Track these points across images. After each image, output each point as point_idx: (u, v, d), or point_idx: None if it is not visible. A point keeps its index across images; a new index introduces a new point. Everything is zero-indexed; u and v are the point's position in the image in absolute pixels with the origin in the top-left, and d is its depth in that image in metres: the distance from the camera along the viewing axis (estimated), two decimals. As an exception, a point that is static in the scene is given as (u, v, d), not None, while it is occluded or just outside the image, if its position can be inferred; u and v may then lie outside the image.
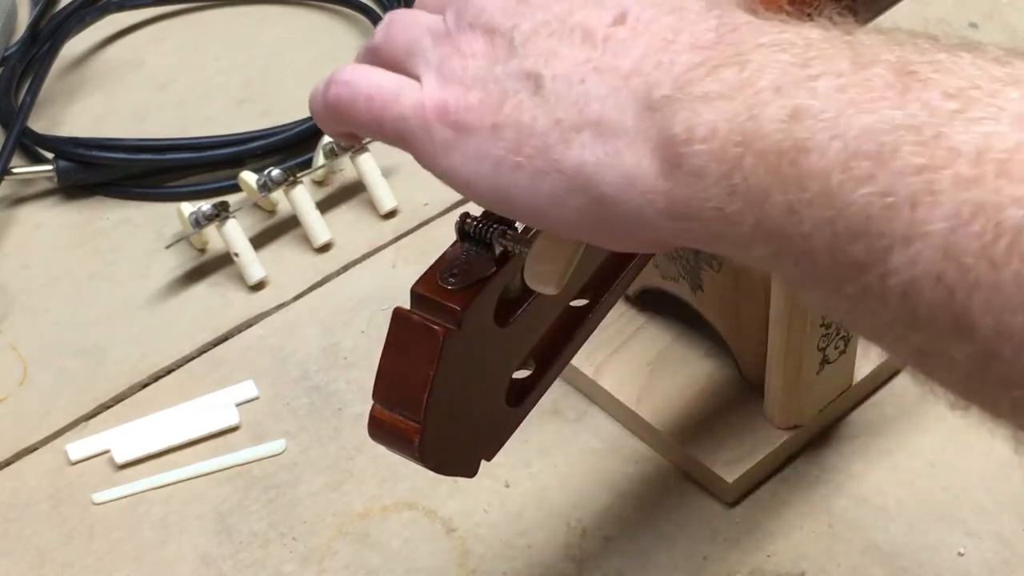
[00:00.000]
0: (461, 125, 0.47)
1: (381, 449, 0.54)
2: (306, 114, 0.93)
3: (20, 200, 0.92)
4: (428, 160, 0.49)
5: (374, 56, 0.52)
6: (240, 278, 0.85)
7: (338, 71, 0.51)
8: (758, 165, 0.40)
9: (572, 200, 0.45)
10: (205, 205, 0.85)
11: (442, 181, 0.49)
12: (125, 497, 0.76)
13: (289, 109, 0.94)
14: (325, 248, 0.87)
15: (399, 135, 0.49)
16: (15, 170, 0.90)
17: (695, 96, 0.42)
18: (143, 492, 0.76)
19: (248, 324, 0.84)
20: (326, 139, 0.89)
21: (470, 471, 0.58)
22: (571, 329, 0.61)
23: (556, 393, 0.77)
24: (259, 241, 0.87)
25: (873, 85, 0.39)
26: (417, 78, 0.49)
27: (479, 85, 0.47)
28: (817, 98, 0.40)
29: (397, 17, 0.52)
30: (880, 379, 0.77)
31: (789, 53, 0.42)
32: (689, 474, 0.74)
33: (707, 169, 0.42)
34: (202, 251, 0.87)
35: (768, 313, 0.69)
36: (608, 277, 0.62)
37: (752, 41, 0.43)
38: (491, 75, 0.47)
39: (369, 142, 0.89)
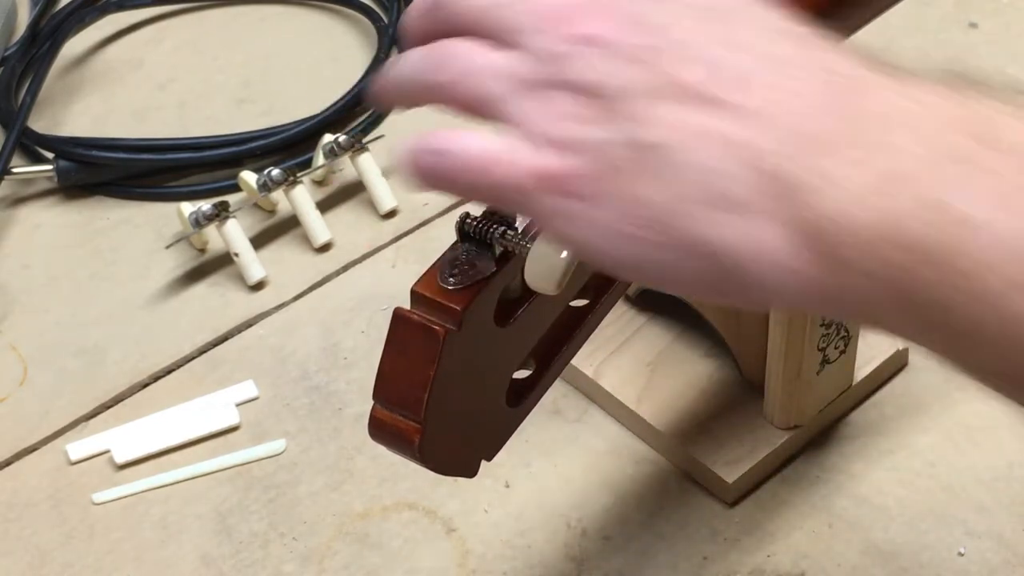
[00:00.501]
0: (569, 194, 0.44)
1: (381, 449, 0.54)
2: (306, 114, 0.93)
3: (20, 200, 0.92)
4: (536, 222, 0.47)
5: (432, 95, 0.47)
6: (240, 278, 0.85)
7: (426, 138, 0.46)
8: (909, 261, 0.39)
9: (700, 273, 0.43)
10: (205, 205, 0.84)
11: (554, 241, 0.47)
12: (125, 497, 0.76)
13: (289, 109, 0.94)
14: (325, 248, 0.87)
15: (501, 201, 0.46)
16: (15, 170, 0.90)
17: (833, 180, 0.40)
18: (143, 492, 0.76)
19: (248, 324, 0.84)
20: (326, 139, 0.89)
21: (470, 471, 0.58)
22: (571, 329, 0.61)
23: (556, 393, 0.77)
24: (259, 241, 0.87)
25: None
26: (500, 124, 0.45)
27: (586, 152, 0.43)
28: (973, 201, 0.38)
29: (451, 51, 0.47)
30: (880, 379, 0.77)
31: (923, 132, 0.40)
32: (689, 474, 0.74)
33: (853, 260, 0.40)
34: (202, 251, 0.87)
35: (768, 313, 0.69)
36: (608, 277, 0.62)
37: (879, 107, 0.41)
38: (599, 141, 0.43)
39: (369, 141, 0.89)
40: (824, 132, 0.41)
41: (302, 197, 0.87)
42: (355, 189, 0.90)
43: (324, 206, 0.89)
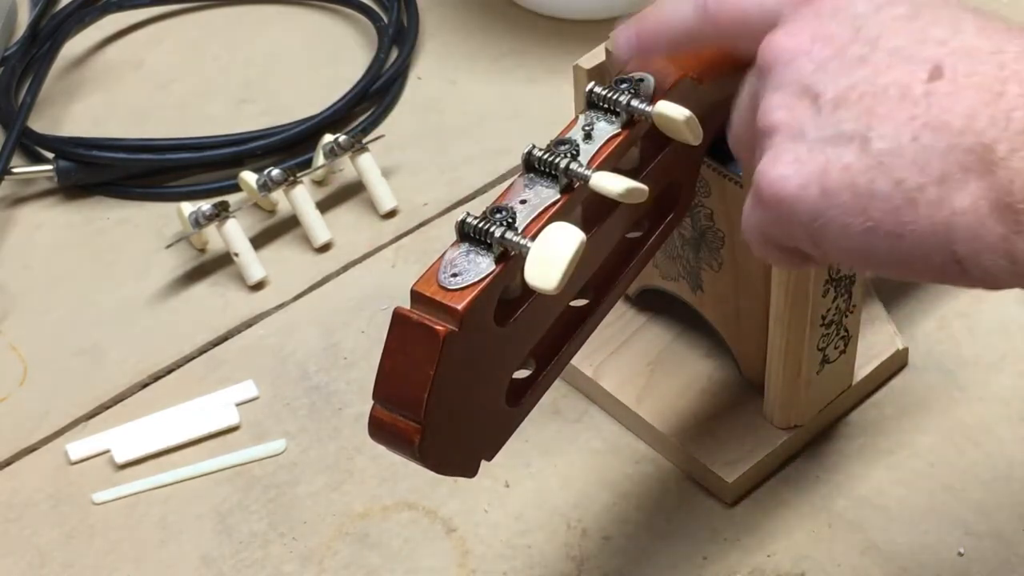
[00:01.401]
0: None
1: (381, 449, 0.54)
2: (306, 114, 0.93)
3: (20, 200, 0.92)
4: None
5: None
6: (240, 278, 0.85)
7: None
8: None
9: (932, 258, 0.45)
10: (205, 205, 0.84)
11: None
12: (125, 497, 0.76)
13: (289, 109, 0.94)
14: (325, 248, 0.87)
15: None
16: (15, 170, 0.90)
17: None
18: (143, 492, 0.76)
19: (248, 324, 0.84)
20: (326, 139, 0.89)
21: (470, 471, 0.58)
22: (571, 329, 0.61)
23: (556, 393, 0.77)
24: (259, 241, 0.87)
25: None
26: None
27: (799, 148, 0.47)
28: None
29: None
30: (880, 379, 0.77)
31: None
32: (689, 474, 0.74)
33: None
34: (202, 251, 0.87)
35: (768, 313, 0.69)
36: (608, 277, 0.62)
37: None
38: (806, 138, 0.47)
39: (369, 141, 0.89)
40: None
41: (302, 197, 0.87)
42: (355, 189, 0.90)
43: (324, 206, 0.89)
